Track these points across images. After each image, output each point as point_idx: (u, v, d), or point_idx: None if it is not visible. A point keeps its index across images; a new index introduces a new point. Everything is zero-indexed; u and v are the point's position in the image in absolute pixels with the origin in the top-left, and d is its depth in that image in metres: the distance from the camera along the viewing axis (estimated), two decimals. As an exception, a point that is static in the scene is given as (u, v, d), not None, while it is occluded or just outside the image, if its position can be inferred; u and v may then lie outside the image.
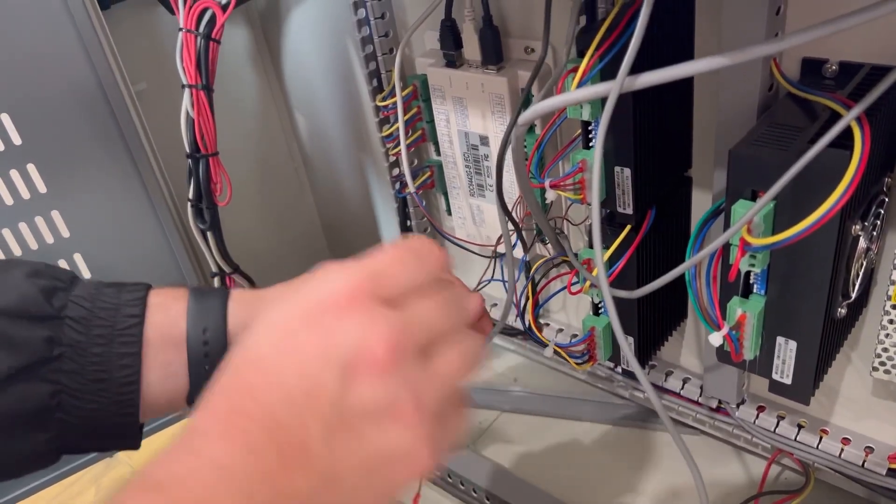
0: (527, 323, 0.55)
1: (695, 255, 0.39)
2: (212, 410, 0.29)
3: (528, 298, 0.54)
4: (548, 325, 0.69)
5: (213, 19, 0.59)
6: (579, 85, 0.41)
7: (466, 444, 0.73)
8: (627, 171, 0.46)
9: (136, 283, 0.48)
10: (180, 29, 0.59)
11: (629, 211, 0.47)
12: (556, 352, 0.53)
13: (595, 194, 0.38)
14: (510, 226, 0.58)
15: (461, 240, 0.57)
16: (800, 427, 0.55)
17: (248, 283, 0.69)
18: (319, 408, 0.26)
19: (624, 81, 0.34)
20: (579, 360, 0.53)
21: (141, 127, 0.63)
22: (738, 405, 0.57)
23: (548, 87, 0.41)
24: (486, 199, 0.62)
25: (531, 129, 0.57)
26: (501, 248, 0.62)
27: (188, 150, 0.61)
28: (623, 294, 0.42)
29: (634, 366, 0.41)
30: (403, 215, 0.73)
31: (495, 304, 0.70)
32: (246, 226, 0.79)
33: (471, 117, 0.58)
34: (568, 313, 0.69)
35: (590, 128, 0.46)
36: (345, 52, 0.70)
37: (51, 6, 0.58)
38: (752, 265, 0.39)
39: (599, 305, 0.53)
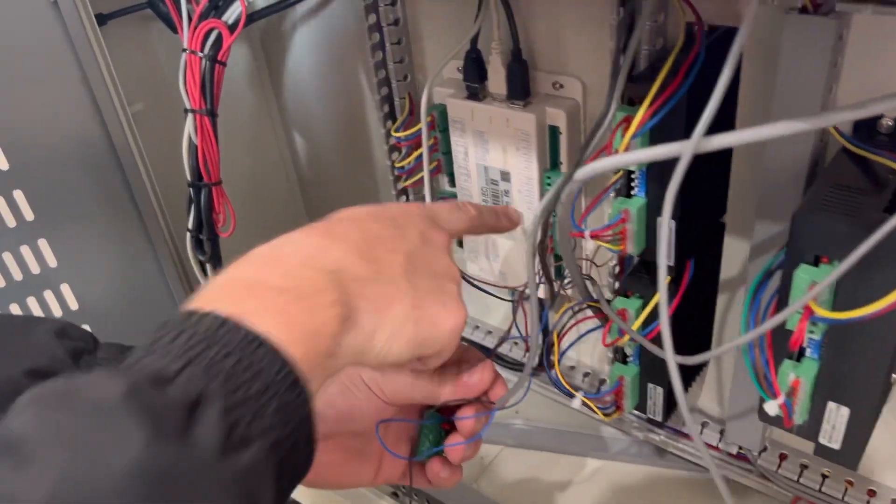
0: (552, 374, 0.52)
1: (753, 323, 0.38)
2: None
3: (552, 344, 0.52)
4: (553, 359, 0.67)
5: (219, 40, 0.56)
6: (635, 135, 0.39)
7: (469, 483, 0.71)
8: (672, 224, 0.44)
9: None
10: (184, 50, 0.56)
11: (670, 262, 0.45)
12: (583, 403, 0.51)
13: (661, 258, 0.35)
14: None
15: (482, 281, 0.55)
16: (824, 477, 0.54)
17: (247, 315, 0.66)
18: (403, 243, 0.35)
19: (698, 143, 0.32)
20: (607, 411, 0.51)
21: (137, 150, 0.60)
22: (759, 452, 0.56)
23: (599, 138, 0.39)
24: (503, 235, 0.59)
25: (554, 167, 0.55)
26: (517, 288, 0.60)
27: (189, 178, 0.58)
28: (681, 359, 0.40)
29: (691, 427, 0.39)
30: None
31: (516, 343, 0.67)
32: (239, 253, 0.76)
33: (492, 151, 0.56)
34: (579, 351, 0.67)
35: (633, 176, 0.44)
36: (352, 77, 0.67)
37: (43, 17, 0.54)
38: (812, 332, 0.37)
39: (628, 354, 0.51)
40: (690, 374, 0.55)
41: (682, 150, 0.32)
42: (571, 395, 0.52)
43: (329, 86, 0.70)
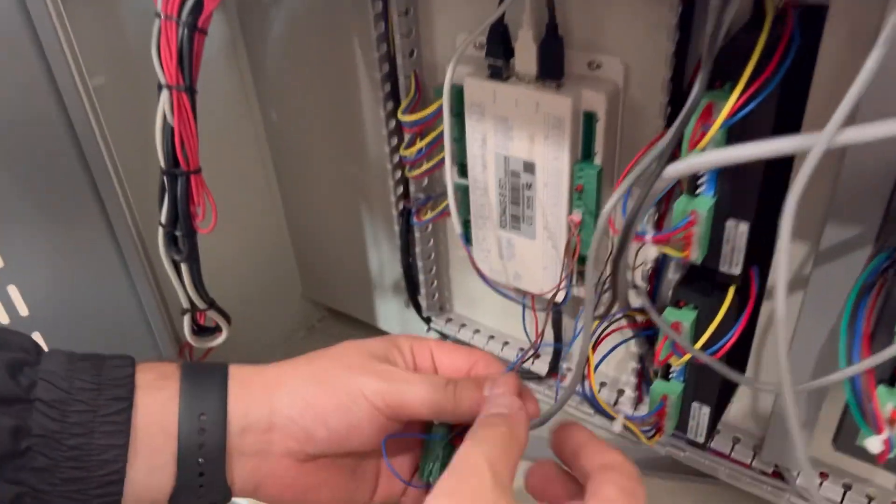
0: (587, 390, 0.47)
1: (858, 346, 0.32)
2: None
3: (588, 360, 0.46)
4: (570, 370, 0.62)
5: (199, 4, 0.47)
6: (723, 125, 0.33)
7: None
8: (744, 227, 0.38)
9: (117, 355, 0.38)
10: (158, 15, 0.47)
11: (735, 271, 0.40)
12: (626, 427, 0.46)
13: (781, 267, 0.30)
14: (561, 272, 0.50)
15: (509, 288, 0.49)
16: (870, 500, 0.50)
17: (224, 320, 0.58)
18: None
19: (833, 136, 0.26)
20: (648, 434, 0.46)
21: (99, 131, 0.51)
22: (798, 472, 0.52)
23: (676, 128, 0.33)
24: (521, 233, 0.53)
25: (586, 159, 0.49)
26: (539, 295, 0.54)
27: (164, 165, 0.49)
28: (800, 388, 0.35)
29: (808, 477, 0.34)
30: (406, 245, 0.63)
31: (538, 356, 0.61)
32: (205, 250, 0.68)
33: (515, 140, 0.49)
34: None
35: (700, 172, 0.38)
36: (344, 51, 0.59)
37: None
38: (924, 355, 0.32)
39: (672, 371, 0.46)
40: (733, 390, 0.50)
41: (814, 144, 0.27)
42: (607, 415, 0.46)
43: (316, 62, 0.62)
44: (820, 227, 0.43)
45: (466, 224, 0.58)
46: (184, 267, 0.53)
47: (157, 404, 0.37)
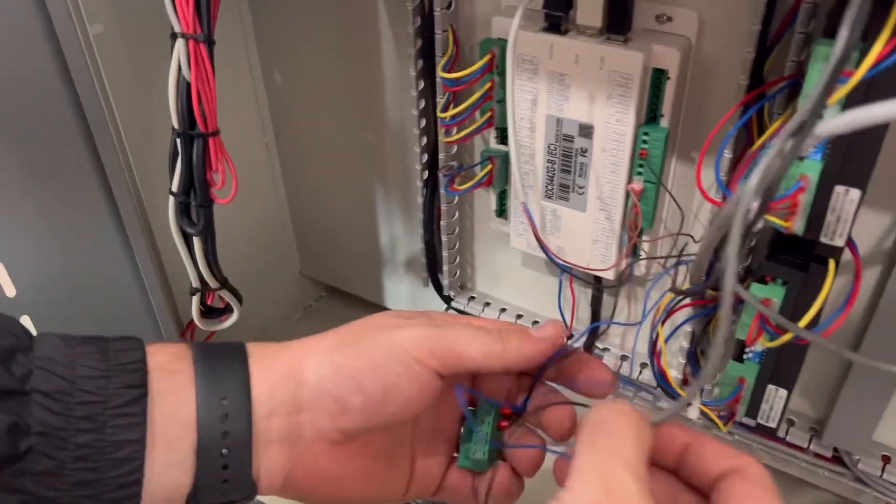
0: (658, 371, 0.43)
1: None
2: None
3: (658, 338, 0.43)
4: (608, 350, 0.58)
5: (218, -60, 0.42)
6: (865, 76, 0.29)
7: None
8: (856, 194, 0.35)
9: (120, 337, 0.33)
10: (171, -48, 0.41)
11: (840, 242, 0.36)
12: (702, 412, 0.42)
13: None
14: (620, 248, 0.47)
15: (578, 265, 0.44)
16: (935, 483, 0.48)
17: (237, 300, 0.52)
18: None
19: None
20: (723, 420, 0.43)
21: (98, 85, 0.45)
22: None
23: (832, 72, 0.29)
24: (570, 204, 0.49)
25: (651, 121, 0.45)
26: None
27: (178, 126, 0.44)
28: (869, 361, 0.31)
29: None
30: (430, 218, 0.58)
31: (571, 336, 0.57)
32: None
33: (573, 100, 0.45)
34: (616, 332, 0.58)
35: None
36: (366, 2, 0.54)
37: None
38: None
39: (748, 351, 0.42)
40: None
41: None
42: (674, 396, 0.43)
43: (329, 12, 0.57)
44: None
45: (501, 195, 0.54)
46: (196, 241, 0.47)
47: (172, 390, 0.32)
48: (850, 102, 0.32)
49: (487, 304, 0.62)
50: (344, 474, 0.35)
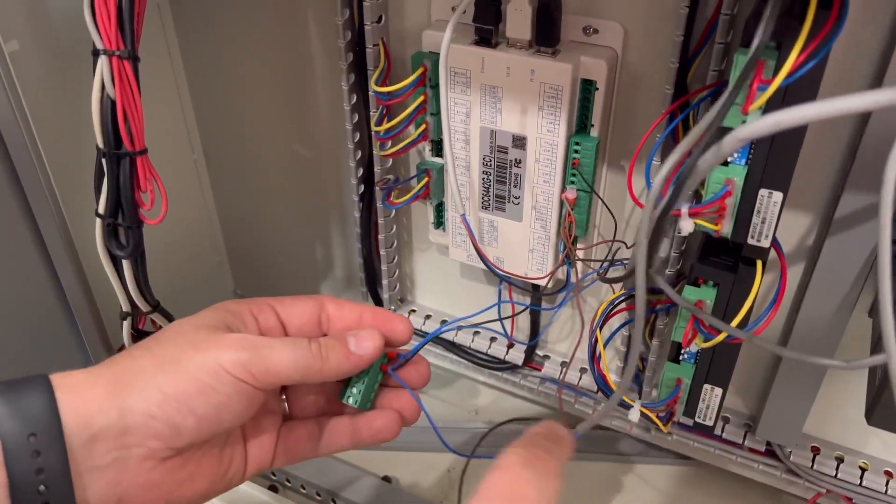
0: (598, 376, 0.43)
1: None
2: None
3: (596, 343, 0.43)
4: (548, 357, 0.59)
5: (139, -45, 0.41)
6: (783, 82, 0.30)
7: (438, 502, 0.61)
8: (779, 197, 0.36)
9: None
10: (90, -33, 0.40)
11: (765, 243, 0.37)
12: (643, 414, 0.43)
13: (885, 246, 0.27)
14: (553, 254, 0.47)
15: (512, 274, 0.44)
16: (862, 470, 0.50)
17: (169, 322, 0.51)
18: None
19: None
20: (663, 421, 0.44)
21: (15, 103, 0.43)
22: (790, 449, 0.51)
23: (735, 84, 0.30)
24: (506, 214, 0.49)
25: (581, 131, 0.45)
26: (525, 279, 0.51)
27: (102, 145, 0.42)
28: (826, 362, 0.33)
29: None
30: (367, 233, 0.58)
31: (494, 338, 0.57)
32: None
33: (505, 112, 0.45)
34: (559, 340, 0.58)
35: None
36: (296, 17, 0.53)
37: None
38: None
39: (684, 352, 0.43)
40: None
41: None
42: (627, 406, 0.43)
43: (258, 28, 0.56)
44: (826, 196, 0.42)
45: (439, 207, 0.54)
46: (126, 264, 0.46)
47: None
48: (769, 109, 0.33)
49: (429, 316, 0.62)
50: (180, 480, 0.35)
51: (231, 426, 0.35)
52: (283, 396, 0.41)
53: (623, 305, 0.45)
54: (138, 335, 0.51)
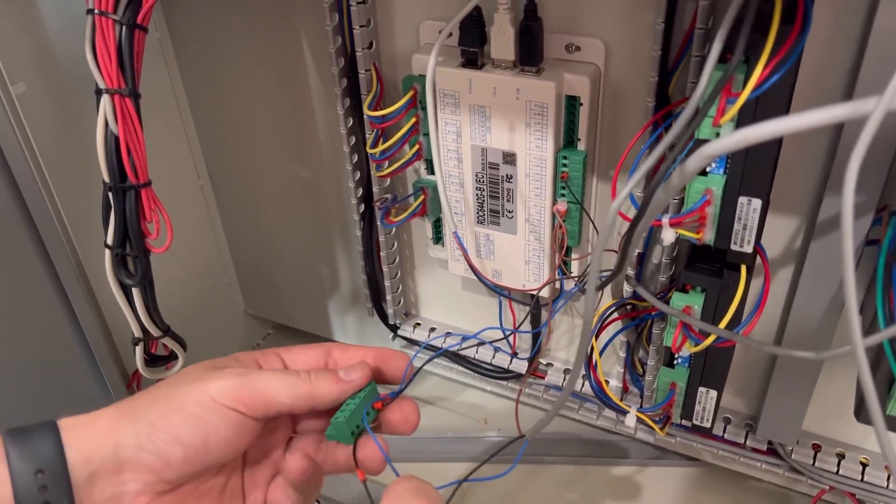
0: (593, 384, 0.45)
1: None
2: None
3: (592, 351, 0.44)
4: (551, 365, 0.60)
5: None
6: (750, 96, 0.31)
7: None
8: (757, 203, 0.37)
9: None
10: (90, 11, 0.42)
11: (748, 249, 0.38)
12: (639, 419, 0.44)
13: (847, 245, 0.28)
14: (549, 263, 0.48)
15: (499, 285, 0.46)
16: (864, 466, 0.51)
17: (180, 347, 0.53)
18: None
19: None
20: (660, 425, 0.45)
21: (24, 142, 0.45)
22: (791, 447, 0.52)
23: (705, 95, 0.31)
24: (501, 228, 0.51)
25: (569, 146, 0.47)
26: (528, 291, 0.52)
27: (108, 180, 0.44)
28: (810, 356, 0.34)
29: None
30: (369, 250, 0.59)
31: (516, 354, 0.59)
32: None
33: (494, 130, 0.47)
34: (559, 347, 0.60)
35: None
36: (289, 46, 0.55)
37: None
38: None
39: (677, 357, 0.45)
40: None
41: (870, 110, 0.25)
42: (619, 409, 0.45)
43: (256, 59, 0.58)
44: (810, 199, 0.43)
45: (437, 223, 0.55)
46: (135, 292, 0.48)
47: None
48: (742, 120, 0.35)
49: (433, 328, 0.64)
50: None
51: (220, 457, 0.36)
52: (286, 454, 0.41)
53: (616, 315, 0.46)
54: (151, 359, 0.52)
